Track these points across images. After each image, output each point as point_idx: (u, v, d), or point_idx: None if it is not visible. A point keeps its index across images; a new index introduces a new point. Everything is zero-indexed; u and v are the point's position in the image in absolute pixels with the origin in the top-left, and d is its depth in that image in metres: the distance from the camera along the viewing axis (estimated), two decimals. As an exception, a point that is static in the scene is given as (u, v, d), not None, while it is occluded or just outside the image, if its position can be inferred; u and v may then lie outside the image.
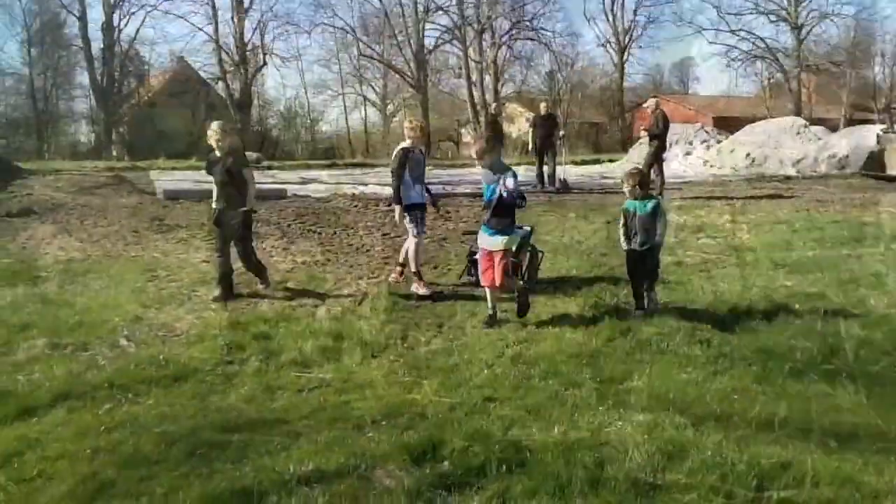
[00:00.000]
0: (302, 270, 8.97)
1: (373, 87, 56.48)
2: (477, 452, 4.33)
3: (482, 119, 40.45)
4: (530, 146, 17.93)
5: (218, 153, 7.90)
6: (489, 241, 6.97)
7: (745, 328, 6.82)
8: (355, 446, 4.44)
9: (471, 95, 44.03)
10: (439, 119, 52.90)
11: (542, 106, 18.00)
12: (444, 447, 4.40)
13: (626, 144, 34.22)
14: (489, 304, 7.12)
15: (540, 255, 8.49)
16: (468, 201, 14.81)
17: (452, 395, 5.39)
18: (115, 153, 39.00)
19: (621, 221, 7.37)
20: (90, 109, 44.29)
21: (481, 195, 15.85)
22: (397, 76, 48.05)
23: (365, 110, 55.03)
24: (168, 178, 19.06)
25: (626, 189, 7.38)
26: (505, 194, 6.76)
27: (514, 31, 47.35)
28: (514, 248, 6.98)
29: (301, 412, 5.05)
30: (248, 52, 43.35)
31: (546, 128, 17.08)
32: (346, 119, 54.80)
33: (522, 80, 52.46)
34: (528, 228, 7.97)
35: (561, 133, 17.53)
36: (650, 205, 7.20)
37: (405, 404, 5.20)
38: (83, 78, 43.56)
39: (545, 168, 17.12)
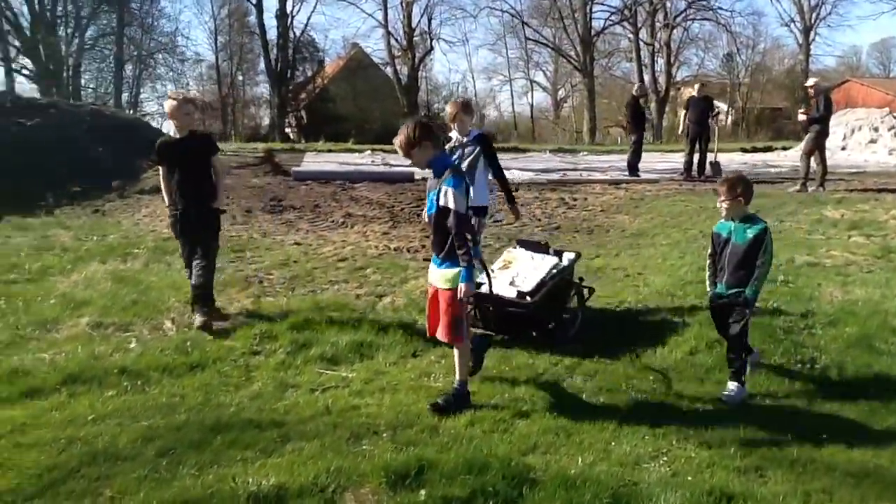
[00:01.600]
0: (388, 257, 8.51)
1: (543, 72, 55.69)
2: (467, 481, 3.66)
3: (651, 103, 38.55)
4: (680, 129, 16.65)
5: (177, 133, 6.23)
6: (433, 275, 4.82)
7: (865, 348, 5.56)
8: (337, 461, 3.88)
9: (641, 80, 42.01)
10: (608, 104, 51.27)
11: (697, 86, 16.58)
12: (434, 471, 3.76)
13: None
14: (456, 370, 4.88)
15: (587, 291, 6.37)
16: (601, 189, 13.88)
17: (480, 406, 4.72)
18: (291, 136, 40.64)
19: (709, 251, 5.21)
20: (269, 94, 46.53)
21: (617, 183, 14.68)
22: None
23: (532, 95, 54.36)
24: (317, 160, 19.27)
25: (721, 203, 5.02)
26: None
27: (689, 11, 44.74)
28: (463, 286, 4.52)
29: (302, 415, 4.58)
30: (415, 38, 43.86)
31: (700, 110, 15.61)
32: (513, 104, 54.50)
33: (699, 64, 49.69)
34: (573, 255, 6.24)
35: (715, 113, 15.93)
36: (752, 231, 4.87)
37: (420, 414, 4.59)
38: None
39: (696, 156, 15.69)
